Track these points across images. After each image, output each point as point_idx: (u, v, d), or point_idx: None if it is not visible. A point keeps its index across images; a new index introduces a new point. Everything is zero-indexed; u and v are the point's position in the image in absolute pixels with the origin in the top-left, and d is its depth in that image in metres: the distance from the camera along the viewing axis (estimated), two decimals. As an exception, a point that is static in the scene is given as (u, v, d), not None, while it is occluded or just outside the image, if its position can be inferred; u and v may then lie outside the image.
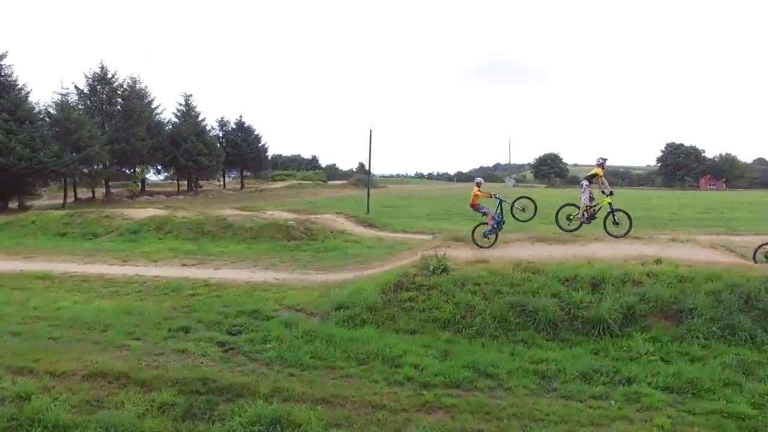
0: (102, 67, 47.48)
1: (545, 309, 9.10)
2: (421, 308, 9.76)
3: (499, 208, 13.73)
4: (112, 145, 46.07)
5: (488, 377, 7.54)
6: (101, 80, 47.48)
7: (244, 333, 9.25)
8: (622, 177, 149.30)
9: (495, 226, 13.67)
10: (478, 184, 14.16)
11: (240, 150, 59.88)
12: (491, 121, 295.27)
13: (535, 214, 14.00)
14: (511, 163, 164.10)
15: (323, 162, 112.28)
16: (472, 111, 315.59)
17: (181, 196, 52.36)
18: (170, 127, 54.62)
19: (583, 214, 12.35)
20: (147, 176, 61.01)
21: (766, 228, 26.86)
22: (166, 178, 61.85)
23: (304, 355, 8.17)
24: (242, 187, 63.53)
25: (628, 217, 12.36)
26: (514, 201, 13.95)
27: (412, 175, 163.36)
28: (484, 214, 13.80)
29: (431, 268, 10.79)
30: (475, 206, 13.89)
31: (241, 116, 61.77)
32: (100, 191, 49.78)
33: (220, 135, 61.08)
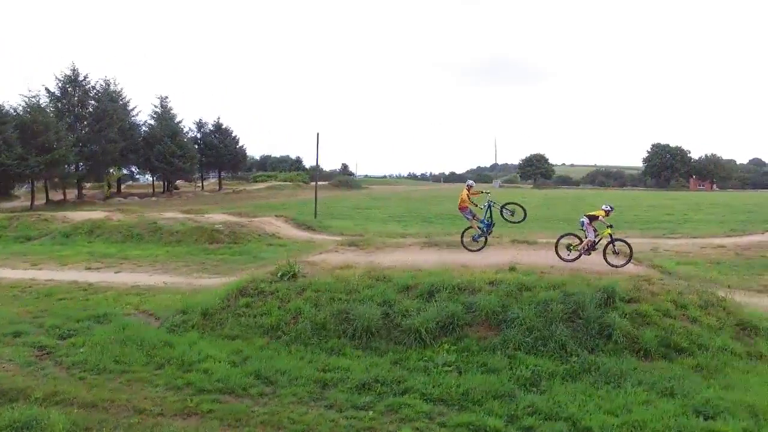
0: (73, 69, 47.85)
1: (363, 317, 9.24)
2: (252, 314, 9.94)
3: (489, 211, 13.68)
4: (81, 147, 46.49)
5: (269, 384, 7.72)
6: (72, 82, 47.82)
7: (73, 337, 9.48)
8: (615, 177, 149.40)
9: (484, 229, 13.63)
10: (469, 187, 13.98)
11: (217, 151, 60.20)
12: (489, 121, 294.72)
13: (524, 218, 14.08)
14: (505, 163, 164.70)
15: (309, 163, 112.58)
16: (470, 111, 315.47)
17: (155, 198, 52.71)
18: (146, 129, 55.05)
19: (585, 247, 12.33)
20: (139, 178, 61.56)
21: (711, 230, 27.02)
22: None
23: (107, 359, 8.38)
24: (220, 188, 63.87)
25: (629, 246, 12.26)
26: (504, 206, 13.82)
27: (405, 175, 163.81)
28: (468, 219, 13.71)
29: (279, 274, 11.00)
30: (462, 209, 13.74)
31: (218, 118, 61.95)
32: (73, 193, 50.25)
33: (198, 137, 61.42)
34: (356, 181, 78.71)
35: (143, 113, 59.42)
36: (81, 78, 48.28)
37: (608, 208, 12.66)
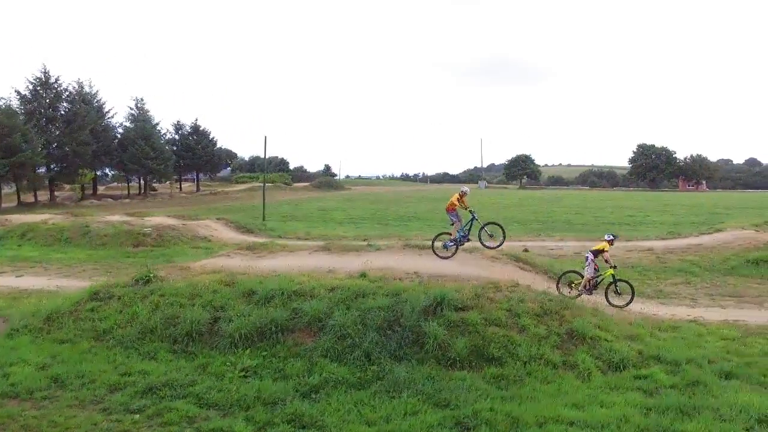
0: (44, 72, 48.08)
1: (188, 322, 9.31)
2: (92, 318, 9.99)
3: (470, 224, 13.62)
4: (51, 150, 46.70)
5: (62, 387, 7.80)
6: (43, 84, 48.04)
7: None
8: (607, 178, 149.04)
9: (458, 239, 13.56)
10: (462, 194, 13.87)
11: (193, 153, 60.36)
12: (486, 121, 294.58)
13: (502, 242, 13.80)
14: (494, 164, 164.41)
15: (296, 164, 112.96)
16: (469, 111, 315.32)
17: (128, 200, 52.90)
18: (121, 131, 55.27)
19: (585, 285, 12.26)
20: (131, 179, 61.33)
21: (657, 232, 27.01)
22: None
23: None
24: (198, 189, 64.05)
25: (631, 286, 12.22)
26: (485, 224, 13.70)
27: (398, 176, 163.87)
28: (453, 223, 13.59)
29: (135, 279, 11.06)
30: (450, 210, 13.64)
31: (196, 120, 62.07)
32: (46, 195, 50.49)
33: (176, 138, 61.60)
34: (338, 182, 78.79)
35: (119, 115, 59.73)
36: (52, 80, 48.54)
37: (610, 237, 12.73)
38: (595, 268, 12.37)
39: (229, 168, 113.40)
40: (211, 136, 62.92)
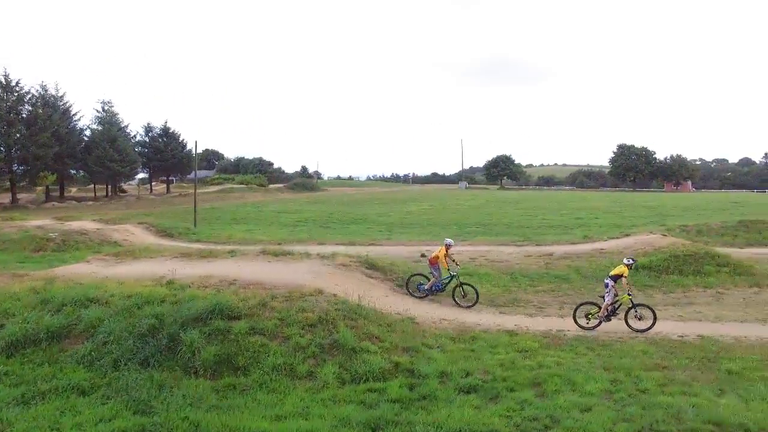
0: (5, 75, 48.52)
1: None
2: None
3: (450, 279, 14.17)
4: (10, 153, 47.14)
5: None
6: (4, 87, 48.49)
7: None
8: (596, 178, 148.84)
9: (434, 288, 14.21)
10: (447, 246, 14.34)
11: (162, 155, 60.74)
12: (481, 122, 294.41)
13: (474, 304, 13.92)
14: (472, 166, 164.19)
15: (285, 165, 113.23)
16: (465, 112, 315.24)
17: (91, 202, 53.33)
18: (87, 133, 55.73)
19: (604, 312, 11.92)
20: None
21: (578, 235, 27.06)
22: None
23: None
24: (168, 191, 64.44)
25: (652, 311, 11.82)
26: (462, 284, 14.18)
27: (389, 176, 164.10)
28: (433, 274, 14.23)
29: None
30: (433, 264, 14.22)
31: (166, 122, 62.49)
32: (8, 197, 50.92)
33: (146, 140, 62.01)
34: (314, 184, 79.00)
35: (86, 118, 60.02)
36: (13, 83, 48.98)
37: (630, 262, 12.37)
38: (614, 295, 11.99)
39: (213, 169, 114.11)
40: (181, 138, 63.34)
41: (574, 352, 10.24)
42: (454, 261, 14.33)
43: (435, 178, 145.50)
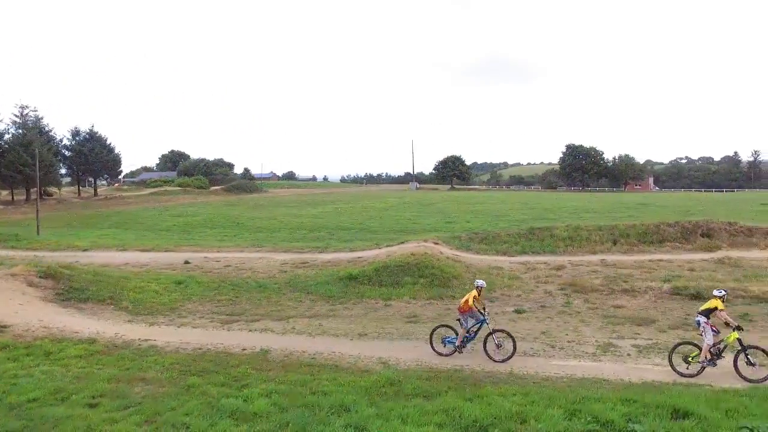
0: None
1: None
2: None
3: (480, 325, 11.41)
4: None
5: None
6: None
7: None
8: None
9: (463, 342, 11.46)
10: (479, 288, 11.60)
11: (86, 159, 61.77)
12: (472, 121, 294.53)
13: (512, 356, 11.03)
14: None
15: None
16: (448, 113, 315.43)
17: (2, 207, 54.43)
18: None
19: (706, 356, 10.30)
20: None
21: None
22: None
23: None
24: (95, 194, 65.54)
25: (766, 353, 10.05)
26: (494, 330, 11.34)
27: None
28: (463, 325, 11.46)
29: None
30: (464, 311, 11.46)
31: (92, 126, 63.44)
32: None
33: (72, 144, 63.07)
34: (254, 185, 79.71)
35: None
36: None
37: (721, 293, 10.57)
38: (714, 332, 10.31)
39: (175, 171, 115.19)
40: (107, 142, 64.24)
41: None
42: (483, 307, 11.68)
43: (405, 179, 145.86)
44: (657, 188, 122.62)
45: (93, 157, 61.79)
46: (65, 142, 63.12)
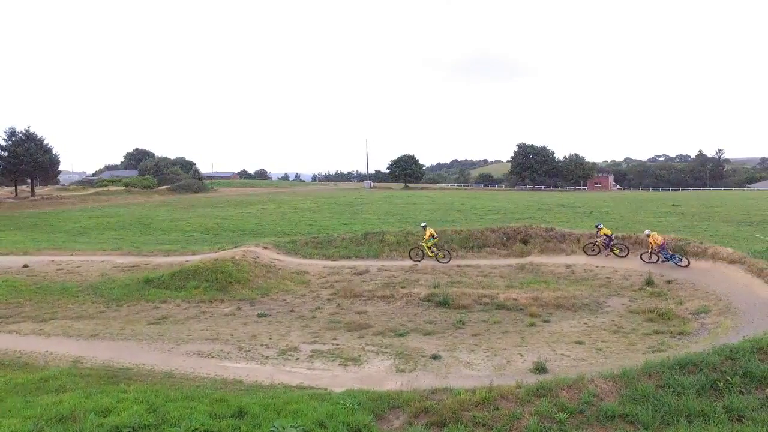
0: None
1: None
2: None
3: None
4: None
5: None
6: None
7: None
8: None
9: None
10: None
11: (22, 160, 62.21)
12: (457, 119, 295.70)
13: None
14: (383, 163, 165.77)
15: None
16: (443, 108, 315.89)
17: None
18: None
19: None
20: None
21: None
22: None
23: None
24: (32, 194, 66.04)
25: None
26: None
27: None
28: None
29: None
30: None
31: (28, 127, 63.80)
32: None
33: (6, 145, 63.44)
34: (202, 185, 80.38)
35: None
36: None
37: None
38: None
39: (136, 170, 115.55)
40: (45, 143, 64.68)
41: None
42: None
43: (372, 177, 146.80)
44: (618, 187, 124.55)
45: (28, 157, 62.20)
46: (0, 142, 63.42)
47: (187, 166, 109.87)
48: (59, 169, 69.96)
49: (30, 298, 18.13)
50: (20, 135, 63.75)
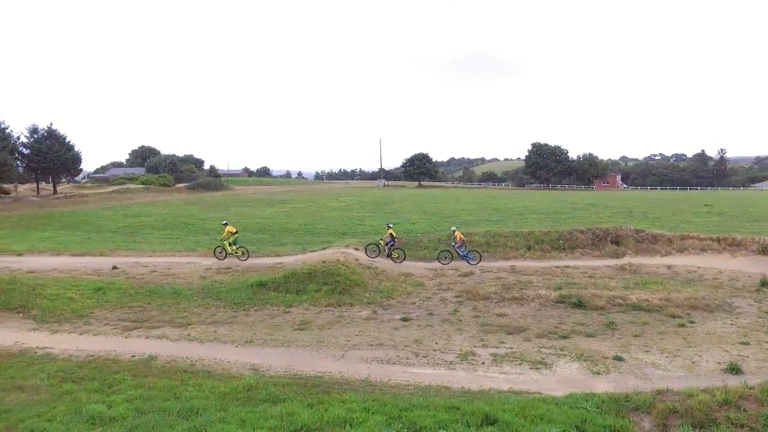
0: None
1: None
2: None
3: None
4: None
5: None
6: None
7: None
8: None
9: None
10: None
11: (45, 157, 61.32)
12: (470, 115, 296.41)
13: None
14: (391, 162, 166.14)
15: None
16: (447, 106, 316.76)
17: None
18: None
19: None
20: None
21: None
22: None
23: None
24: (55, 192, 65.12)
25: None
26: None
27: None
28: None
29: None
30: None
31: (51, 124, 62.91)
32: None
33: (29, 142, 62.52)
34: (220, 183, 79.65)
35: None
36: None
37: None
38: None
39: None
40: (67, 140, 63.81)
41: None
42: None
43: (378, 175, 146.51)
44: (625, 186, 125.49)
45: (51, 155, 61.34)
46: (23, 139, 62.50)
47: (196, 163, 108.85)
48: (80, 167, 68.98)
49: (147, 302, 17.84)
50: (42, 132, 62.78)
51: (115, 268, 22.41)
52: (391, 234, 22.82)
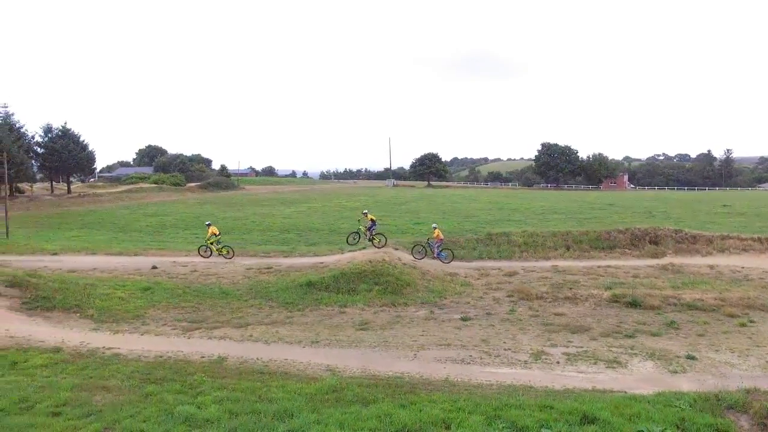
0: None
1: None
2: None
3: None
4: None
5: None
6: None
7: None
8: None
9: None
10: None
11: (59, 156, 61.32)
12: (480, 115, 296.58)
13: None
14: (397, 162, 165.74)
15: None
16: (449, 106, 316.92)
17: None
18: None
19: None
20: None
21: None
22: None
23: None
24: (69, 191, 65.13)
25: None
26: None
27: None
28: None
29: None
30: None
31: (65, 123, 62.91)
32: None
33: (44, 141, 62.53)
34: (231, 182, 79.68)
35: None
36: None
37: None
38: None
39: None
40: (81, 139, 63.82)
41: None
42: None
43: (384, 175, 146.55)
44: (632, 186, 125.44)
45: (66, 154, 61.34)
46: (37, 138, 62.51)
47: (205, 163, 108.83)
48: (94, 166, 68.98)
49: (198, 302, 17.86)
50: (57, 132, 62.77)
51: (154, 267, 22.41)
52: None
